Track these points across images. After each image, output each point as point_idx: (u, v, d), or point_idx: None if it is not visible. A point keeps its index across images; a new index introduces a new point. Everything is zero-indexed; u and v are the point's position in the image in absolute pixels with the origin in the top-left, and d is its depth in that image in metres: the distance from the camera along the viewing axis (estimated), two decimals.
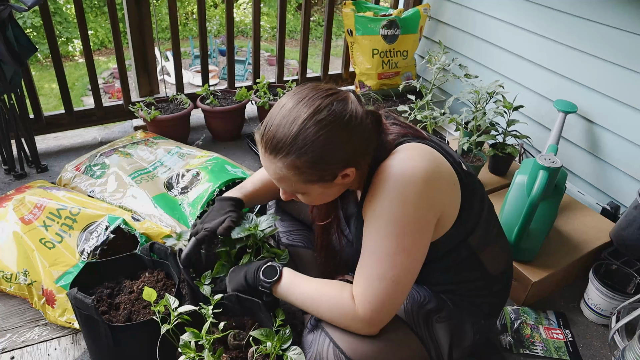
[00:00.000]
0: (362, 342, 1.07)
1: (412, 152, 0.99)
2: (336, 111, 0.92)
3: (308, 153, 0.92)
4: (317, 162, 0.93)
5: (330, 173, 0.96)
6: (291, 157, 0.93)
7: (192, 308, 1.10)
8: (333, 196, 1.06)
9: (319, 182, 0.97)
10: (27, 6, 1.78)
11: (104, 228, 1.57)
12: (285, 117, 0.92)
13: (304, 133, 0.91)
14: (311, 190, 1.00)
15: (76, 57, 9.88)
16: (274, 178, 0.99)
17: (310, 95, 0.94)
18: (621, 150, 1.92)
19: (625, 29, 1.82)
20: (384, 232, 0.95)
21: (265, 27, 10.97)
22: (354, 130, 0.94)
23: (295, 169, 0.94)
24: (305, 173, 0.95)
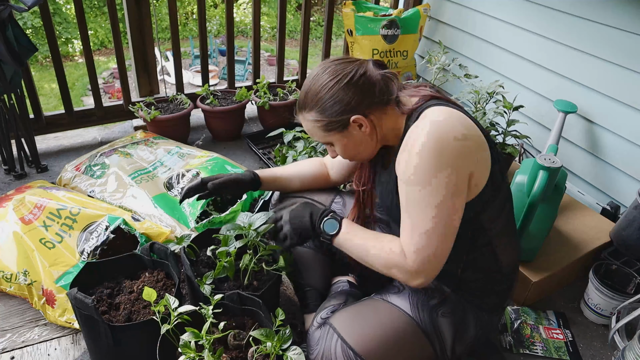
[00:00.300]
0: (369, 337, 1.08)
1: (443, 112, 1.03)
2: (340, 70, 1.10)
3: (318, 104, 1.11)
4: (325, 110, 1.11)
5: (341, 121, 1.11)
6: (308, 110, 1.13)
7: (192, 308, 1.10)
8: (361, 149, 1.16)
9: (335, 130, 1.12)
10: (27, 6, 1.78)
11: (104, 228, 1.57)
12: (304, 84, 1.16)
13: (314, 90, 1.12)
14: (335, 140, 1.15)
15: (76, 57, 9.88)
16: (307, 132, 1.18)
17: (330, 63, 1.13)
18: (621, 150, 1.92)
19: (625, 29, 1.82)
20: (421, 186, 1.00)
21: (265, 27, 10.97)
22: (355, 84, 1.09)
23: (314, 120, 1.13)
24: (322, 122, 1.12)
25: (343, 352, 1.07)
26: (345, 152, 1.18)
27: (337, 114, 1.10)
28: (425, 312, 1.14)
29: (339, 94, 1.09)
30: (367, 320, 1.13)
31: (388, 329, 1.11)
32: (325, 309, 1.23)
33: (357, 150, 1.17)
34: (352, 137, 1.14)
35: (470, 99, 2.07)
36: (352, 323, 1.12)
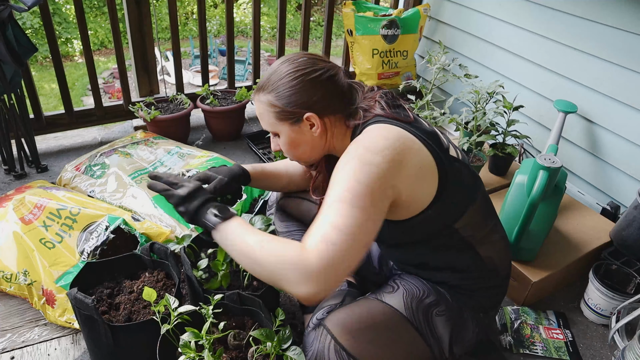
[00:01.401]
0: (363, 338, 1.07)
1: (379, 131, 1.05)
2: (310, 65, 1.10)
3: (278, 89, 1.11)
4: (283, 97, 1.10)
5: (295, 114, 1.11)
6: (266, 93, 1.12)
7: (192, 308, 1.10)
8: (306, 149, 1.16)
9: (287, 121, 1.12)
10: (27, 6, 1.78)
11: (104, 228, 1.57)
12: (272, 66, 1.15)
13: (278, 74, 1.11)
14: (282, 131, 1.14)
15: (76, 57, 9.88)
16: (258, 115, 1.17)
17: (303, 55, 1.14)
18: (621, 150, 1.92)
19: (625, 29, 1.82)
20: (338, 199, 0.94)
21: (265, 27, 10.97)
22: (321, 83, 1.10)
23: (269, 104, 1.12)
24: (276, 108, 1.11)
25: (336, 353, 1.06)
26: (288, 147, 1.17)
27: (293, 105, 1.10)
28: (420, 311, 1.14)
29: (302, 87, 1.09)
30: (361, 320, 1.12)
31: (382, 330, 1.10)
32: (321, 309, 1.23)
33: (301, 148, 1.17)
34: (300, 134, 1.14)
35: (470, 99, 2.07)
36: (345, 324, 1.11)
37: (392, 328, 1.11)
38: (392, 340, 1.11)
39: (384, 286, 1.23)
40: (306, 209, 1.47)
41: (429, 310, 1.15)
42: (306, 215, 1.47)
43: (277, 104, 1.11)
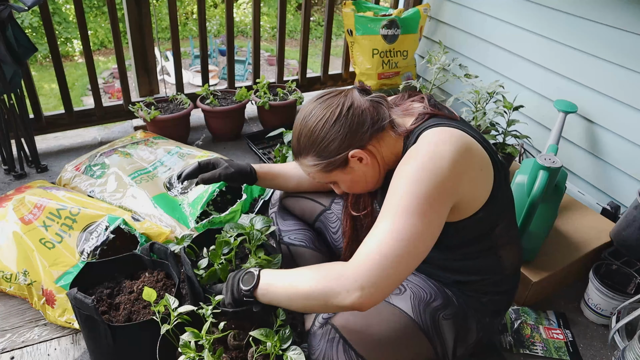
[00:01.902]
0: (371, 339, 1.08)
1: (438, 135, 1.01)
2: (326, 108, 1.08)
3: (313, 148, 1.09)
4: (321, 152, 1.09)
5: (339, 159, 1.08)
6: (304, 156, 1.12)
7: (192, 308, 1.10)
8: (367, 181, 1.13)
9: (337, 169, 1.10)
10: (27, 6, 1.78)
11: (103, 228, 1.57)
12: (294, 129, 1.14)
13: (305, 133, 1.10)
14: (337, 178, 1.13)
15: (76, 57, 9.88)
16: (308, 176, 1.17)
17: (314, 103, 1.12)
18: (621, 150, 1.92)
19: (625, 29, 1.82)
20: (397, 208, 0.94)
21: (265, 27, 10.97)
22: (345, 118, 1.07)
23: (313, 165, 1.12)
24: (320, 164, 1.10)
25: (345, 352, 1.07)
26: (351, 188, 1.16)
27: (334, 154, 1.08)
28: (427, 314, 1.14)
29: (331, 133, 1.07)
30: (369, 321, 1.12)
31: (390, 330, 1.10)
32: None
33: (363, 183, 1.14)
34: (354, 172, 1.11)
35: (470, 99, 2.07)
36: (354, 323, 1.12)
37: (400, 330, 1.11)
38: (400, 341, 1.11)
39: None
40: (309, 208, 1.46)
41: (436, 314, 1.15)
42: (308, 214, 1.47)
43: (318, 161, 1.10)
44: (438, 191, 0.94)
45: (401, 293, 1.19)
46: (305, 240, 1.44)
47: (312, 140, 1.09)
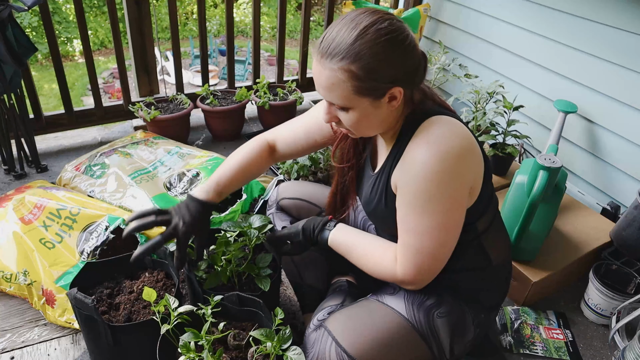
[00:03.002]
0: (364, 340, 1.07)
1: (448, 127, 1.00)
2: (396, 26, 0.94)
3: (365, 59, 0.92)
4: (372, 70, 0.93)
5: (380, 88, 0.96)
6: (348, 61, 0.92)
7: (192, 308, 1.10)
8: (376, 125, 1.04)
9: (369, 97, 0.96)
10: (27, 6, 1.78)
11: (103, 228, 1.57)
12: (346, 24, 0.94)
13: (364, 38, 0.92)
14: (359, 105, 0.97)
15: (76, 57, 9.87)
16: (326, 85, 0.96)
17: (372, 11, 0.97)
18: (621, 150, 1.92)
19: (625, 29, 1.82)
20: (422, 209, 0.99)
21: (265, 27, 10.97)
22: (407, 50, 0.95)
23: (350, 74, 0.93)
24: (359, 80, 0.93)
25: (337, 355, 1.06)
26: (357, 124, 1.02)
27: (381, 80, 0.94)
28: (421, 313, 1.14)
29: (393, 56, 0.93)
30: (362, 322, 1.12)
31: (383, 331, 1.10)
32: (322, 310, 1.23)
33: (370, 123, 1.03)
34: (378, 109, 0.99)
35: (471, 99, 2.07)
36: (347, 326, 1.11)
37: (394, 330, 1.11)
38: (394, 342, 1.10)
39: (385, 287, 1.23)
40: (306, 210, 1.46)
41: (430, 312, 1.14)
42: (305, 217, 1.46)
43: (361, 76, 0.93)
44: (458, 188, 0.99)
45: (395, 292, 1.18)
46: None
47: (371, 51, 0.91)
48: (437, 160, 0.96)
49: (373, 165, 1.21)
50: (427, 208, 0.99)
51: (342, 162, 1.25)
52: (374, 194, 1.16)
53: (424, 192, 0.98)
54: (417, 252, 1.03)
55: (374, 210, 1.17)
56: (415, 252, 1.03)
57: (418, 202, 0.99)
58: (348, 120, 1.01)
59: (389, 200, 1.11)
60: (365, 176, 1.23)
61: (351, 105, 0.97)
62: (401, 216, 1.04)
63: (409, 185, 1.00)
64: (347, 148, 1.24)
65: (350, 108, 0.98)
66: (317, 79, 0.98)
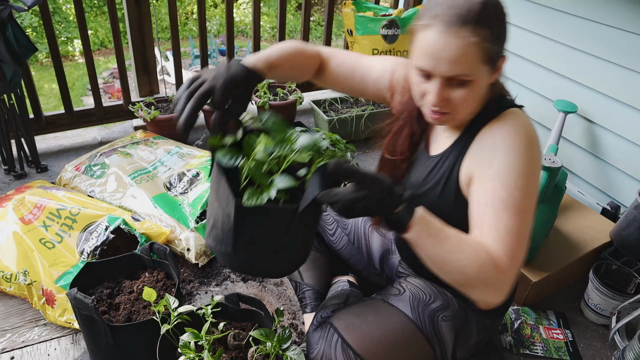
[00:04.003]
0: (370, 338, 1.07)
1: (527, 129, 0.99)
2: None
3: (495, 22, 0.91)
4: (500, 34, 0.93)
5: (499, 55, 0.96)
6: (479, 27, 0.89)
7: (192, 308, 1.10)
8: (475, 103, 0.99)
9: (490, 65, 0.94)
10: (27, 6, 1.78)
11: (103, 228, 1.57)
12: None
13: (492, 5, 0.91)
14: (479, 76, 0.94)
15: (76, 57, 9.87)
16: (456, 56, 0.90)
17: None
18: (621, 150, 1.92)
19: (625, 29, 1.82)
20: (520, 190, 0.93)
21: (265, 27, 10.97)
22: (507, 18, 0.96)
23: (482, 39, 0.90)
24: (487, 46, 0.91)
25: (343, 352, 1.07)
26: (470, 102, 0.97)
27: (503, 43, 0.95)
28: (426, 315, 1.14)
29: (507, 20, 0.94)
30: (368, 321, 1.12)
31: (389, 331, 1.10)
32: (325, 309, 1.23)
33: (475, 103, 0.99)
34: (485, 83, 0.97)
35: None
36: (353, 323, 1.11)
37: (399, 330, 1.11)
38: (399, 342, 1.10)
39: (390, 288, 1.23)
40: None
41: (435, 315, 1.14)
42: None
43: (493, 40, 0.91)
44: (535, 188, 0.98)
45: (400, 294, 1.19)
46: None
47: (500, 16, 0.92)
48: (525, 142, 0.95)
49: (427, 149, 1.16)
50: (520, 185, 0.92)
51: (395, 154, 1.17)
52: (430, 178, 1.10)
53: (516, 167, 0.93)
54: (510, 233, 0.91)
55: (422, 195, 1.10)
56: (509, 234, 0.91)
57: (514, 181, 0.92)
58: (461, 97, 0.95)
59: (448, 188, 1.06)
60: (418, 160, 1.17)
61: (474, 76, 0.93)
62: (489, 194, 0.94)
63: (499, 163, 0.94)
64: (402, 140, 1.17)
65: (471, 81, 0.93)
66: (440, 52, 0.90)
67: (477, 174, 0.98)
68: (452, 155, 1.06)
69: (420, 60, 0.94)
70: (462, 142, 1.05)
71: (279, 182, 0.85)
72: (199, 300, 1.59)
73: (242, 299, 1.21)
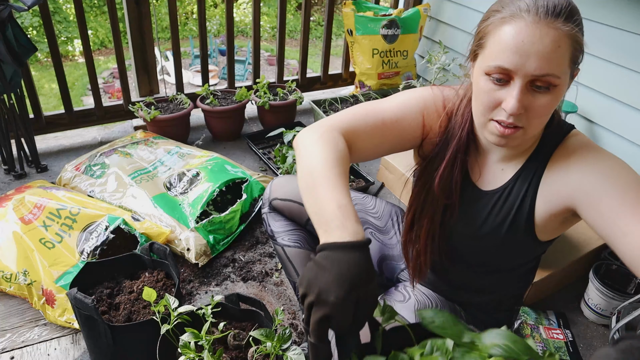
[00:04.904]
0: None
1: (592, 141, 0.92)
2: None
3: (580, 22, 0.83)
4: (582, 38, 0.84)
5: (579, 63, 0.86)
6: (570, 20, 0.81)
7: (192, 308, 1.10)
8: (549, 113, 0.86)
9: (572, 69, 0.85)
10: (27, 6, 1.78)
11: (103, 228, 1.57)
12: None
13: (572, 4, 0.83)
14: (563, 82, 0.83)
15: (76, 57, 9.87)
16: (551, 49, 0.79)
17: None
18: (621, 150, 1.92)
19: (626, 29, 1.82)
20: (634, 182, 0.81)
21: (265, 27, 10.97)
22: None
23: (574, 42, 0.82)
24: (577, 45, 0.82)
25: None
26: (549, 111, 0.85)
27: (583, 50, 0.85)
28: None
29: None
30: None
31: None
32: None
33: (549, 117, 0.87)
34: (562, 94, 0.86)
35: None
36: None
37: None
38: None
39: (394, 293, 1.20)
40: (297, 211, 1.39)
41: None
42: (297, 218, 1.40)
43: (580, 41, 0.82)
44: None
45: (405, 300, 1.16)
46: (299, 241, 1.41)
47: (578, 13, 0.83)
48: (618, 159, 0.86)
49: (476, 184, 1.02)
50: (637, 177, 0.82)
51: (452, 196, 1.00)
52: (492, 217, 0.98)
53: (623, 174, 0.83)
54: None
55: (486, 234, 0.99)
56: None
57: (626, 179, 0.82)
58: (543, 106, 0.83)
59: (515, 226, 0.96)
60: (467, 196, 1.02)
61: (561, 79, 0.82)
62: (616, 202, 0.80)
63: (606, 171, 0.83)
64: (456, 175, 0.99)
65: (557, 86, 0.82)
66: (532, 45, 0.79)
67: (582, 196, 0.85)
68: (517, 189, 0.95)
69: (502, 58, 0.82)
70: (528, 173, 0.94)
71: None
72: (199, 300, 1.59)
73: (242, 299, 1.21)
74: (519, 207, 0.95)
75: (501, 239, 0.98)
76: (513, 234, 0.97)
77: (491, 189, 0.99)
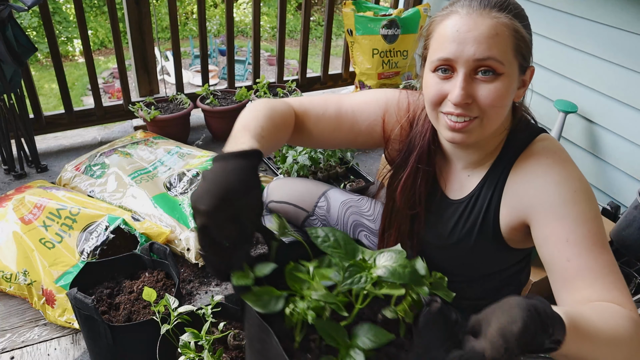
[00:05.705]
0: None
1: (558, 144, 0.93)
2: None
3: (524, 19, 0.89)
4: (528, 36, 0.90)
5: (527, 58, 0.90)
6: (511, 15, 0.86)
7: (192, 308, 1.10)
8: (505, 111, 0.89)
9: (519, 61, 0.88)
10: (27, 6, 1.78)
11: (103, 228, 1.57)
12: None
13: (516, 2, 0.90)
14: (510, 72, 0.85)
15: (76, 57, 9.87)
16: (488, 35, 0.82)
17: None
18: (621, 150, 1.92)
19: (625, 29, 1.82)
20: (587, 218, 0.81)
21: (265, 27, 10.97)
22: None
23: (513, 29, 0.85)
24: (519, 36, 0.86)
25: None
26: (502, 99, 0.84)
27: (530, 50, 0.91)
28: None
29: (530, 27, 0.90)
30: None
31: None
32: None
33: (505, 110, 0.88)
34: (513, 90, 0.88)
35: None
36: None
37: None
38: None
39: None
40: (292, 213, 1.38)
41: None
42: (294, 220, 1.40)
43: (523, 35, 0.87)
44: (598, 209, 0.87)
45: None
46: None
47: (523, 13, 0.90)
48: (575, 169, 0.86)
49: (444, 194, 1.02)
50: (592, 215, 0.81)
51: (415, 206, 0.99)
52: (459, 226, 0.98)
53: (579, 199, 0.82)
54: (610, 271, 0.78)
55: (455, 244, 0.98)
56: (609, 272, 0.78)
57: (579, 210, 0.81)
58: (490, 94, 0.83)
59: (483, 235, 0.95)
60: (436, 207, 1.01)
61: (506, 66, 0.84)
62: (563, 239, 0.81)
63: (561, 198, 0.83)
64: (420, 186, 0.99)
65: (501, 73, 0.84)
66: (467, 32, 0.82)
67: (534, 214, 0.85)
68: (483, 197, 0.94)
69: (441, 50, 0.83)
70: (492, 179, 0.93)
71: (364, 340, 0.59)
72: (199, 300, 1.59)
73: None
74: (485, 216, 0.94)
75: (471, 247, 0.97)
76: (482, 243, 0.95)
77: (458, 198, 0.99)
